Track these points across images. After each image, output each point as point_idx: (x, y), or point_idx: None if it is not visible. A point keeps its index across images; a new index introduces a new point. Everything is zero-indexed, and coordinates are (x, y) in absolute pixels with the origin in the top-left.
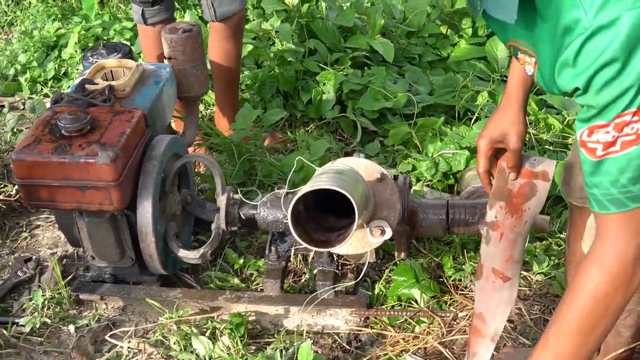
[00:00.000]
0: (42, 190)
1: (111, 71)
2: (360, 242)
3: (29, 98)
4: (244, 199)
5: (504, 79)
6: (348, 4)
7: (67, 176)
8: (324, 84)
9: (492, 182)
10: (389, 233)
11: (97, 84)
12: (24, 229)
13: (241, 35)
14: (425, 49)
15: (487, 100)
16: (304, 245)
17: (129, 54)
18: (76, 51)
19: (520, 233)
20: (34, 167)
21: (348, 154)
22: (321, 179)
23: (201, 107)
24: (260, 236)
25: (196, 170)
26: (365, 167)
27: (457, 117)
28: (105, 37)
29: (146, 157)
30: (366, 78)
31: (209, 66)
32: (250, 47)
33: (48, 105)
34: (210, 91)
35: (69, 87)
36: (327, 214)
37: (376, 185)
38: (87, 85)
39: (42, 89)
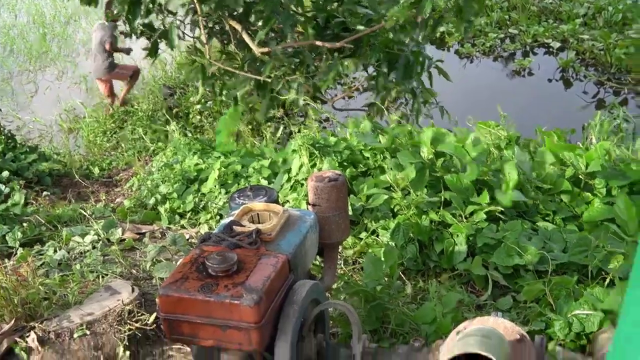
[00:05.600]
0: (185, 325)
1: (258, 214)
2: None
3: (167, 228)
4: (378, 348)
5: (635, 241)
6: (483, 158)
7: (211, 314)
8: (457, 236)
9: None
10: None
11: (244, 226)
12: (157, 358)
13: None
14: (559, 205)
15: (622, 264)
16: None
17: (275, 199)
18: (215, 186)
19: None
20: (180, 303)
21: (479, 307)
22: (469, 342)
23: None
24: None
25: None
26: (505, 328)
27: (590, 276)
28: (244, 174)
29: (287, 301)
30: (501, 233)
31: (350, 212)
32: (385, 196)
33: (187, 237)
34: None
35: (207, 221)
36: None
37: (515, 346)
38: (235, 227)
39: (179, 220)
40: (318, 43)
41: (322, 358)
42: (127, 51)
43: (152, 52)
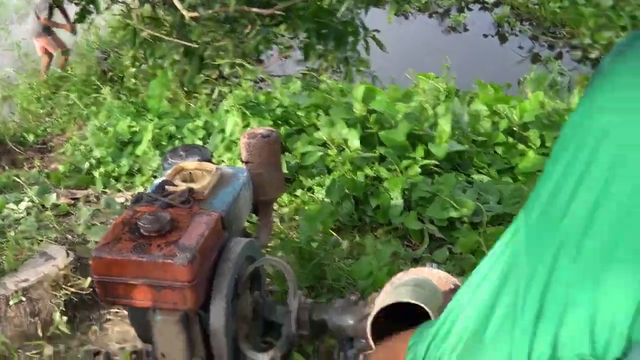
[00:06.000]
0: (119, 287)
1: (190, 173)
2: None
3: (102, 192)
4: (314, 304)
5: None
6: (416, 113)
7: (145, 275)
8: (393, 191)
9: None
10: None
11: (177, 185)
12: (94, 323)
13: None
14: (494, 157)
15: None
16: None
17: (208, 157)
18: (149, 148)
19: None
20: (113, 264)
21: (416, 260)
22: (401, 292)
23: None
24: (328, 340)
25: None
26: (439, 278)
27: None
28: (178, 136)
29: (222, 259)
30: (436, 186)
31: (285, 170)
32: (320, 153)
33: (120, 200)
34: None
35: (142, 184)
36: (398, 321)
37: (449, 296)
38: (167, 187)
39: (115, 184)
40: (248, 9)
41: (258, 315)
42: (71, 28)
43: (81, 17)
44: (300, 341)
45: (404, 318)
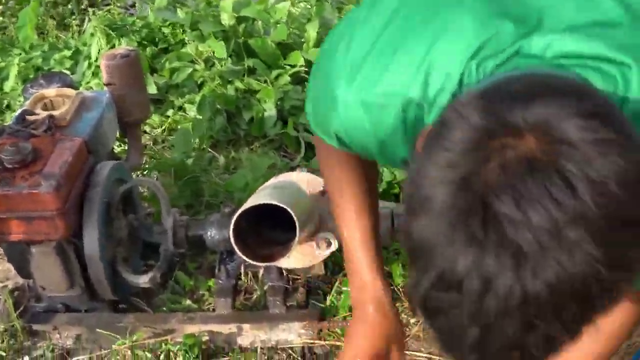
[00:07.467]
0: None
1: (51, 101)
2: (308, 255)
3: None
4: (190, 220)
5: None
6: (284, 21)
7: (12, 208)
8: (265, 102)
9: None
10: (335, 245)
11: (37, 114)
12: None
13: None
14: None
15: None
16: (248, 260)
17: (69, 83)
18: (17, 83)
19: None
20: None
21: (293, 169)
22: (261, 195)
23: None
24: (210, 256)
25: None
26: (308, 181)
27: None
28: (46, 67)
29: (90, 184)
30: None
31: (151, 91)
32: (189, 70)
33: None
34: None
35: (11, 119)
36: (274, 229)
37: (320, 199)
38: (27, 116)
39: None
40: None
41: (135, 238)
42: None
43: None
44: (183, 260)
45: (271, 219)
